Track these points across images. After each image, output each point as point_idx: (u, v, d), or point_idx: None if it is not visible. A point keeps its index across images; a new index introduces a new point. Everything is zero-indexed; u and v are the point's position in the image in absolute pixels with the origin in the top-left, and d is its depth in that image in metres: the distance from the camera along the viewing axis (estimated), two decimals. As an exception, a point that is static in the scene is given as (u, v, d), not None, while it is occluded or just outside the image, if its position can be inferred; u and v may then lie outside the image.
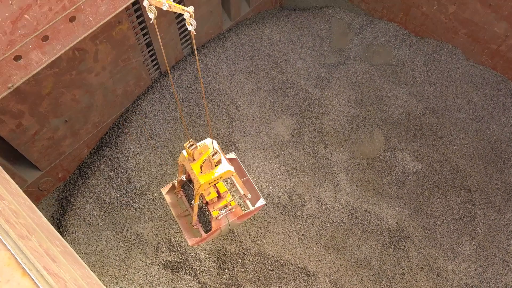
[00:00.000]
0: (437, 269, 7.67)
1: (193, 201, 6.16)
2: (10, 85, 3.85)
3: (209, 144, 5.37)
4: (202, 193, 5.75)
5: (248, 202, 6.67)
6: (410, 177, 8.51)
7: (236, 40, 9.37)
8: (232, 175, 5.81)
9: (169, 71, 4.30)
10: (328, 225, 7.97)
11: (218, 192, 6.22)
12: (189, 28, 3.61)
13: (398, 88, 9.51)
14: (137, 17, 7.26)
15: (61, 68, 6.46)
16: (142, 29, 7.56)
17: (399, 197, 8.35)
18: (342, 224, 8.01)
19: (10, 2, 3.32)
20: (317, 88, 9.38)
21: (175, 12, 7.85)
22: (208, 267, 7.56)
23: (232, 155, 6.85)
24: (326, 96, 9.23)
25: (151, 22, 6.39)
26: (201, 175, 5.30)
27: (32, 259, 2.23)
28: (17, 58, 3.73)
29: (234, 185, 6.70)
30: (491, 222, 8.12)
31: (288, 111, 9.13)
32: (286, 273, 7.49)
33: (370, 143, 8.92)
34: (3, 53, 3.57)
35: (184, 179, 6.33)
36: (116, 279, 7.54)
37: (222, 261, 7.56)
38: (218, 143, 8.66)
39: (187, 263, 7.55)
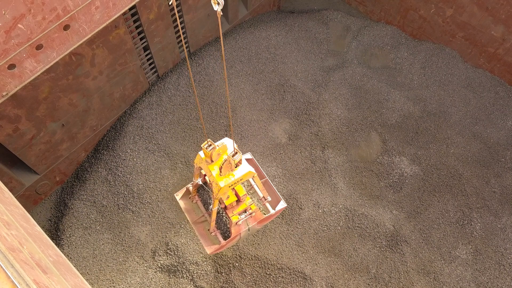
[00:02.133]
0: (434, 272, 7.68)
1: (211, 206, 5.79)
2: (4, 93, 3.86)
3: (229, 143, 4.99)
4: (220, 197, 5.35)
5: (268, 205, 6.27)
6: (407, 181, 8.52)
7: (234, 43, 9.38)
8: (253, 177, 5.39)
9: (187, 57, 3.99)
10: (325, 228, 7.98)
11: (237, 195, 5.84)
12: (215, 7, 3.47)
13: (395, 91, 9.51)
14: (134, 22, 7.27)
15: (57, 73, 6.48)
16: (139, 33, 7.57)
17: (396, 201, 8.36)
18: (339, 228, 8.02)
19: (3, 11, 3.33)
20: (314, 91, 9.39)
21: (173, 11, 7.86)
22: (205, 270, 7.58)
23: (248, 155, 6.46)
24: (324, 99, 9.24)
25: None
26: (220, 177, 4.91)
27: (21, 272, 2.24)
28: (11, 67, 3.74)
29: (252, 187, 6.31)
30: (487, 225, 8.13)
31: (286, 114, 9.14)
32: (282, 277, 7.51)
33: (368, 146, 8.93)
34: (-3, 62, 3.58)
35: (201, 182, 5.92)
36: (113, 283, 7.55)
37: (219, 265, 7.58)
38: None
39: (184, 266, 7.57)
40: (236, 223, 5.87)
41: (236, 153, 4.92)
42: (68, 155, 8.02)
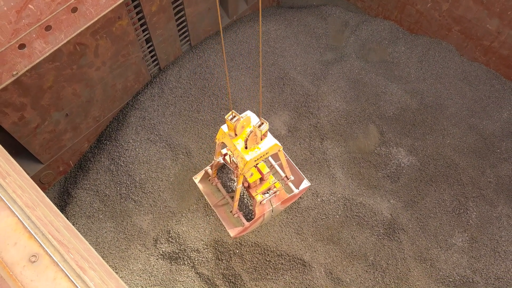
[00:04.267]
0: (430, 259, 7.83)
1: (234, 184, 5.48)
2: (14, 72, 4.03)
3: (252, 116, 4.74)
4: (243, 176, 5.04)
5: (291, 184, 5.97)
6: (404, 171, 8.68)
7: (234, 37, 9.56)
8: (278, 151, 5.07)
9: (221, 30, 3.87)
10: (324, 217, 8.13)
11: (260, 173, 5.46)
12: None
13: (393, 84, 9.68)
14: (137, 13, 7.44)
15: (62, 62, 6.63)
16: (141, 25, 7.74)
17: (394, 190, 8.52)
18: (337, 216, 8.17)
19: (15, -8, 3.49)
20: (313, 84, 9.56)
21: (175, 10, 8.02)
22: (206, 257, 7.73)
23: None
24: (322, 92, 9.40)
25: None
26: (245, 151, 4.63)
27: (38, 224, 2.40)
28: (22, 46, 3.90)
29: (272, 166, 5.96)
30: (483, 214, 8.28)
31: (285, 106, 9.30)
32: (282, 263, 7.65)
33: (365, 138, 9.08)
34: (8, 41, 3.75)
35: (222, 161, 5.60)
36: (116, 269, 7.70)
37: (220, 252, 7.72)
38: (216, 137, 8.83)
39: (185, 253, 7.72)
40: (260, 203, 5.49)
41: (262, 123, 4.61)
42: (72, 145, 8.17)
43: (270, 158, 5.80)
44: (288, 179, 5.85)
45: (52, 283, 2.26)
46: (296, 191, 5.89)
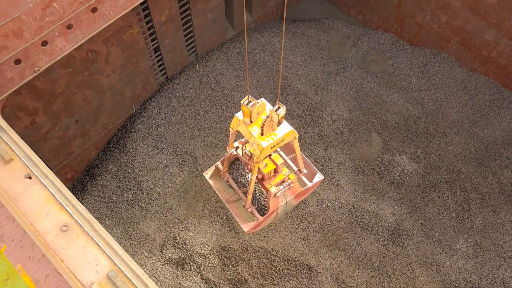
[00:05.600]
0: (436, 264, 7.85)
1: (249, 175, 5.24)
2: (36, 69, 4.18)
3: (266, 103, 4.57)
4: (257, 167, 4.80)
5: (304, 178, 5.75)
6: (407, 178, 8.79)
7: (239, 48, 9.81)
8: (293, 139, 4.85)
9: (245, 28, 3.81)
10: (329, 223, 8.19)
11: (274, 163, 5.25)
12: None
13: (394, 94, 9.89)
14: (147, 23, 7.68)
15: (74, 68, 6.83)
16: (150, 34, 7.97)
17: (397, 197, 8.61)
18: (342, 222, 8.24)
19: (41, -10, 3.68)
20: (316, 93, 9.76)
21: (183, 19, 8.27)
22: (212, 263, 7.75)
23: None
24: (326, 101, 9.59)
25: None
26: (261, 137, 4.46)
27: (68, 196, 2.52)
28: (44, 43, 4.07)
29: (284, 160, 5.67)
30: (487, 220, 8.35)
31: (289, 115, 9.47)
32: (288, 269, 7.68)
33: (369, 146, 9.22)
34: (33, 37, 3.92)
35: (235, 152, 5.38)
36: (122, 275, 7.70)
37: (226, 257, 7.75)
38: (221, 145, 8.98)
39: (191, 259, 7.74)
40: (275, 195, 5.25)
41: (279, 107, 4.41)
42: (80, 151, 8.30)
43: (281, 152, 5.66)
44: (301, 172, 5.63)
45: (82, 250, 2.36)
46: (309, 184, 5.66)
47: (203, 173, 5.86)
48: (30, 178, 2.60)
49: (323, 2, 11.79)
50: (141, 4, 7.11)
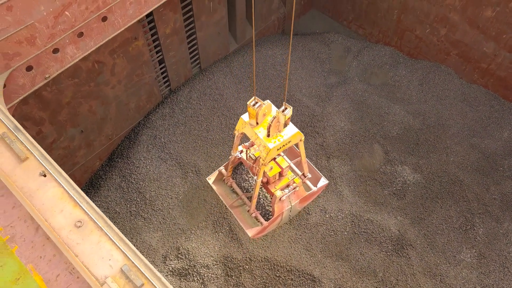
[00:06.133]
0: (440, 275, 7.82)
1: (255, 178, 5.14)
2: (47, 76, 4.28)
3: (272, 104, 4.52)
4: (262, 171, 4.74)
5: (308, 182, 5.67)
6: (410, 188, 8.81)
7: (242, 61, 9.96)
8: (299, 141, 4.80)
9: (253, 36, 3.89)
10: (332, 233, 8.19)
11: (280, 166, 5.20)
12: None
13: (395, 106, 9.99)
14: (152, 35, 7.83)
15: (81, 79, 6.94)
16: (155, 47, 8.11)
17: (400, 207, 8.62)
18: (345, 233, 8.23)
19: (55, -2, 3.80)
20: (318, 105, 9.86)
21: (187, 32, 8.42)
22: (216, 274, 7.72)
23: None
24: (327, 112, 9.69)
25: None
26: (268, 139, 4.43)
27: (82, 194, 2.57)
28: (55, 51, 4.17)
29: (288, 165, 5.56)
30: (490, 231, 8.34)
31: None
32: (292, 279, 7.64)
33: (371, 157, 9.28)
34: (45, 45, 4.03)
35: (240, 155, 5.34)
36: (125, 286, 7.66)
37: (229, 268, 7.73)
38: (224, 156, 9.04)
39: (195, 270, 7.72)
40: (280, 199, 5.18)
41: (286, 108, 4.38)
42: (84, 162, 8.35)
43: (285, 157, 5.59)
44: (305, 176, 5.59)
45: (96, 245, 2.40)
46: (314, 188, 5.61)
47: (207, 178, 5.85)
48: (44, 176, 2.65)
49: (324, 16, 12.01)
50: (147, 16, 7.27)
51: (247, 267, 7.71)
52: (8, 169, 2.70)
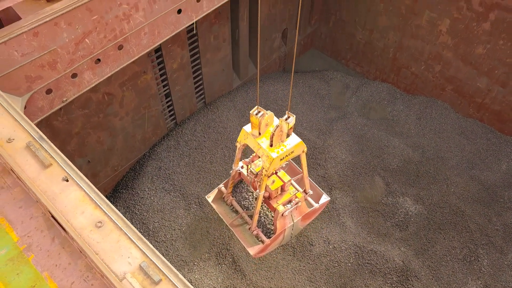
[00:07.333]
0: (446, 307, 7.71)
1: (257, 191, 4.97)
2: (64, 99, 4.52)
3: (273, 115, 4.46)
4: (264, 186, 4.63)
5: (310, 199, 5.60)
6: (412, 219, 8.86)
7: (245, 96, 10.30)
8: (302, 152, 4.74)
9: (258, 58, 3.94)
10: (336, 264, 8.15)
11: (282, 180, 5.08)
12: None
13: (395, 139, 10.23)
14: (160, 69, 8.18)
15: (91, 110, 7.19)
16: (162, 81, 8.45)
17: (403, 238, 8.62)
18: (349, 264, 8.19)
19: (76, 26, 4.12)
20: (319, 138, 10.10)
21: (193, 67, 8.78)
22: (219, 306, 7.61)
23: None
24: (328, 144, 9.91)
25: None
26: (271, 149, 4.37)
27: (102, 196, 2.71)
28: (74, 76, 4.44)
29: (290, 179, 5.43)
30: (494, 262, 8.31)
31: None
32: (296, 311, 7.52)
33: (372, 189, 9.39)
34: (64, 69, 4.29)
35: (241, 169, 5.25)
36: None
37: (233, 300, 7.62)
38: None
39: (198, 301, 7.61)
40: (282, 215, 5.03)
41: (289, 116, 4.36)
42: (89, 193, 8.43)
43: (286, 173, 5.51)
44: (307, 193, 5.51)
45: (116, 244, 2.50)
46: (316, 205, 5.51)
47: (206, 196, 5.71)
48: (67, 180, 2.80)
49: (323, 55, 12.54)
50: (156, 51, 7.64)
51: (250, 298, 7.61)
52: (33, 174, 2.85)
